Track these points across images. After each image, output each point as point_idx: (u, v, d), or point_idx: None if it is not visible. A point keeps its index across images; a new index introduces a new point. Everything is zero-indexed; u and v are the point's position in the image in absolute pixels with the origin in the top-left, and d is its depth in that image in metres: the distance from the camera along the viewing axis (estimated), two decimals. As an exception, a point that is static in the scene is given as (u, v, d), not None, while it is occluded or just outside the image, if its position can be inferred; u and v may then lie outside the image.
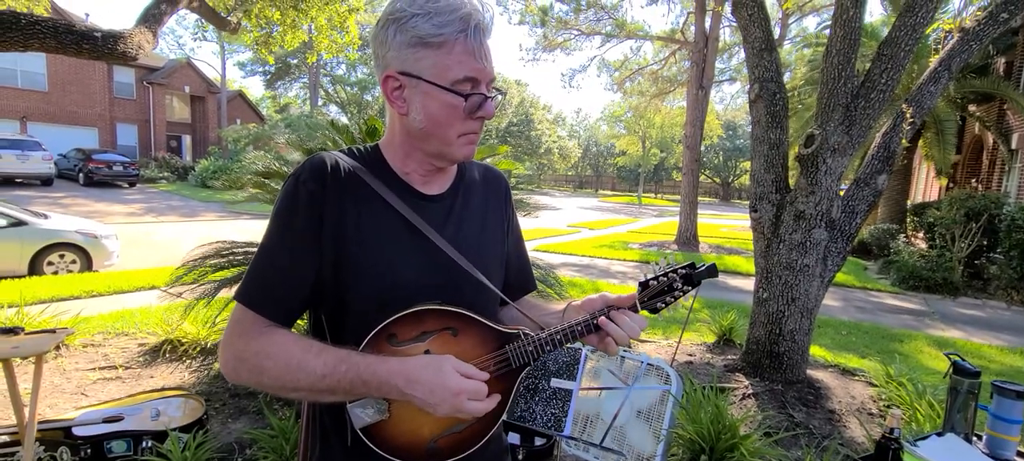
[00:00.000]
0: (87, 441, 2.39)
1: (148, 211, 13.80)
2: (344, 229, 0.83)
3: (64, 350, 3.85)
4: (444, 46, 0.79)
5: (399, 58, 0.82)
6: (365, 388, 0.79)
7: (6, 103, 20.38)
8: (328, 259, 0.82)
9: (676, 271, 0.92)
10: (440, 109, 0.82)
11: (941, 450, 1.51)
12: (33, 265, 6.37)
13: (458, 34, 0.79)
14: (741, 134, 38.40)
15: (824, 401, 3.43)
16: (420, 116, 0.83)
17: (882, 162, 3.60)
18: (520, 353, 0.87)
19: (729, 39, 16.49)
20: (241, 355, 0.81)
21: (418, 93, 0.82)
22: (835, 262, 3.61)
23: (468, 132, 0.85)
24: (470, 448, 0.87)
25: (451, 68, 0.80)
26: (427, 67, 0.80)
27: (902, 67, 3.39)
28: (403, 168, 0.90)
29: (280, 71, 34.81)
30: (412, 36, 0.79)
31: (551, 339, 0.88)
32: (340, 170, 0.84)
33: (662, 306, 0.92)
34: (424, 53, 0.80)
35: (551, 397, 2.35)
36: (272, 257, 0.83)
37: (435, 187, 0.93)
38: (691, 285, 0.92)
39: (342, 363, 0.78)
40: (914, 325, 6.39)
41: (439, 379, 0.77)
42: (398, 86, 0.83)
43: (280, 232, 0.83)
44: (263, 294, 0.82)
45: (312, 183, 0.82)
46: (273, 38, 7.09)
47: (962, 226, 8.56)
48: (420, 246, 0.87)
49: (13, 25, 3.23)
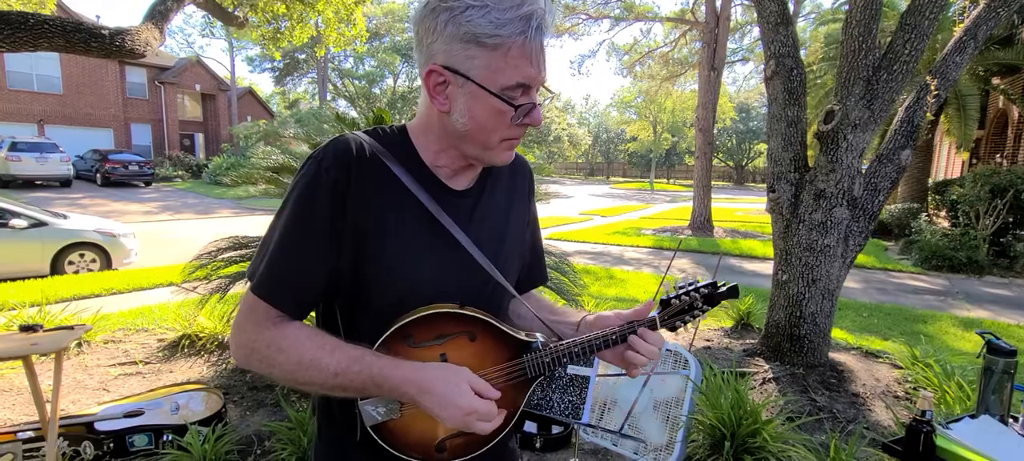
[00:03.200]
0: (109, 435, 2.43)
1: (164, 209, 14.01)
2: (367, 222, 0.78)
3: (86, 347, 3.92)
4: (500, 47, 0.71)
5: (447, 51, 0.73)
6: (377, 390, 0.76)
7: (23, 107, 20.77)
8: (348, 252, 0.78)
9: (697, 290, 0.89)
10: (487, 114, 0.75)
11: (975, 432, 1.45)
12: (55, 264, 6.49)
13: (518, 35, 0.71)
14: (754, 116, 37.74)
15: (847, 384, 3.36)
16: (464, 118, 0.76)
17: (905, 137, 3.48)
18: (537, 364, 0.85)
19: (741, 18, 16.14)
20: (252, 345, 0.78)
21: (464, 93, 0.75)
22: (857, 242, 3.51)
23: (511, 137, 0.79)
24: (479, 450, 0.86)
25: (504, 72, 0.72)
26: (477, 67, 0.72)
27: (927, 36, 3.25)
28: (434, 161, 0.84)
29: (289, 67, 34.99)
30: (466, 31, 0.71)
31: (570, 351, 0.85)
32: (365, 154, 0.79)
33: (680, 325, 0.90)
34: (477, 52, 0.72)
35: (568, 385, 2.32)
36: (288, 247, 0.78)
37: (463, 182, 0.88)
38: (711, 305, 0.90)
39: (355, 363, 0.75)
40: (938, 306, 6.23)
41: (452, 396, 0.74)
42: (442, 81, 0.76)
43: (298, 221, 0.77)
44: (278, 285, 0.78)
45: (336, 171, 0.76)
46: (281, 33, 7.08)
47: (987, 203, 8.31)
48: (444, 243, 0.82)
49: (22, 25, 3.25)
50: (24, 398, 3.09)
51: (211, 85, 27.16)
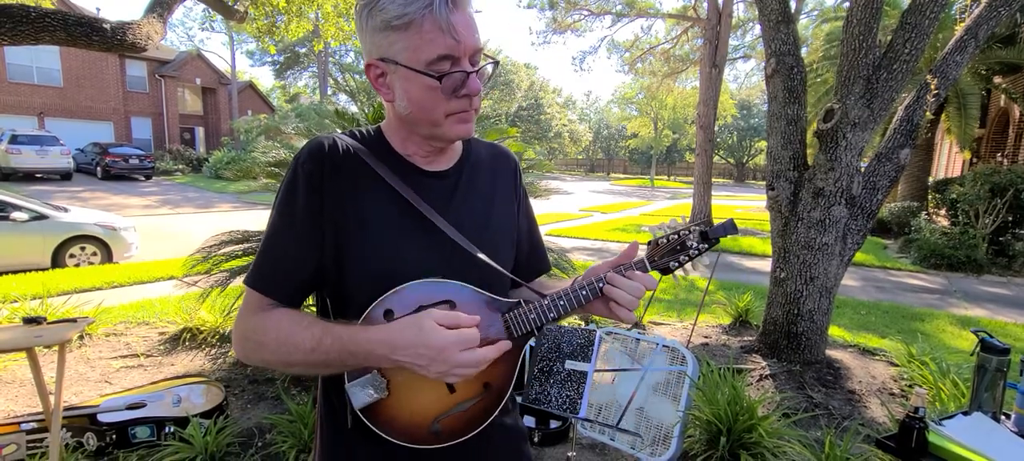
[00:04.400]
0: (112, 427, 2.45)
1: (164, 203, 14.01)
2: (343, 210, 0.82)
3: (87, 339, 3.94)
4: (411, 26, 0.75)
5: (376, 44, 0.79)
6: (354, 359, 0.78)
7: (24, 100, 20.73)
8: (329, 240, 0.82)
9: (689, 229, 0.86)
10: (420, 93, 0.78)
11: (968, 429, 1.47)
12: (56, 258, 6.51)
13: (424, 9, 0.74)
14: (756, 113, 37.66)
15: (844, 381, 3.38)
16: (404, 102, 0.81)
17: (905, 136, 3.49)
18: (520, 321, 0.84)
19: (743, 14, 16.09)
20: (244, 332, 0.82)
21: (398, 78, 0.79)
22: (855, 240, 3.53)
23: (458, 111, 0.81)
24: (476, 428, 0.85)
25: (423, 48, 0.75)
26: (400, 51, 0.77)
27: (927, 36, 3.26)
28: (404, 150, 0.88)
29: (289, 61, 34.88)
30: (382, 21, 0.76)
31: (554, 305, 0.84)
32: (338, 150, 0.83)
33: (676, 266, 0.86)
34: (395, 36, 0.76)
35: (565, 379, 2.34)
36: (275, 240, 0.84)
37: (440, 164, 0.90)
38: (707, 243, 0.85)
39: (327, 335, 0.77)
40: (936, 304, 6.25)
41: (421, 338, 0.73)
42: (380, 73, 0.81)
43: (282, 215, 0.83)
44: (266, 275, 0.83)
45: (310, 164, 0.82)
46: (277, 27, 7.06)
47: (986, 202, 8.32)
48: (422, 227, 0.84)
49: (24, 18, 3.25)
50: (27, 390, 3.12)
51: (211, 79, 27.10)
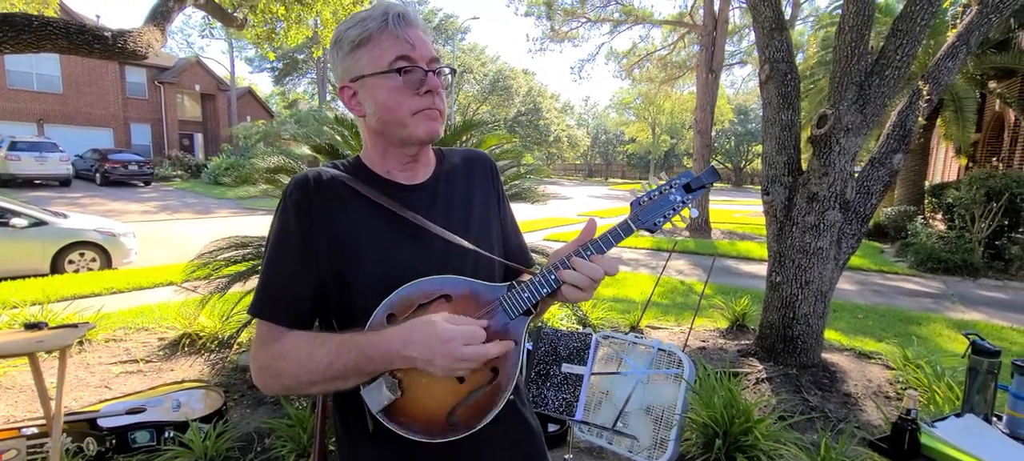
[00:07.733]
0: (112, 432, 2.46)
1: (163, 209, 14.01)
2: (335, 231, 0.87)
3: (87, 345, 3.95)
4: (371, 39, 0.86)
5: (345, 69, 0.90)
6: (371, 364, 0.81)
7: (23, 106, 20.75)
8: (325, 262, 0.87)
9: (670, 183, 0.87)
10: (386, 94, 0.87)
11: (960, 431, 1.49)
12: (55, 264, 6.52)
13: (380, 24, 0.86)
14: (752, 118, 37.82)
15: (840, 385, 3.40)
16: (373, 109, 0.89)
17: (898, 141, 3.53)
18: (515, 302, 0.88)
19: (739, 21, 16.17)
20: (263, 363, 0.86)
21: (366, 90, 0.89)
22: (850, 244, 3.56)
23: (422, 108, 0.88)
24: (489, 414, 0.87)
25: (382, 56, 0.86)
26: (365, 65, 0.87)
27: (918, 42, 3.30)
28: (383, 168, 0.94)
29: (288, 67, 34.96)
30: (346, 44, 0.88)
31: (544, 278, 0.87)
32: (322, 178, 0.90)
33: (663, 221, 0.88)
34: (359, 53, 0.87)
35: (562, 382, 2.36)
36: (274, 266, 0.89)
37: (418, 176, 0.97)
38: (690, 193, 0.86)
39: (344, 346, 0.82)
40: (932, 308, 6.28)
41: (430, 330, 0.79)
42: (352, 94, 0.91)
43: (277, 244, 0.89)
44: (271, 301, 0.87)
45: (297, 194, 0.88)
46: (276, 34, 7.11)
47: (982, 206, 8.36)
48: (411, 234, 0.90)
49: (26, 27, 3.28)
50: (27, 395, 3.13)
51: (210, 85, 27.15)
